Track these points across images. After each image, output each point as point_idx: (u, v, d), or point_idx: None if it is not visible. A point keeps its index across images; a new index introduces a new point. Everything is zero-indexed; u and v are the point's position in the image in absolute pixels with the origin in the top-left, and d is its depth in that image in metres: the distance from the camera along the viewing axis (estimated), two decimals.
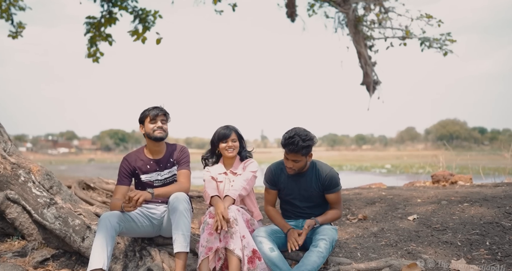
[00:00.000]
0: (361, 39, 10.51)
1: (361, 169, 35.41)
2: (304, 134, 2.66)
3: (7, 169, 3.10)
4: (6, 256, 2.85)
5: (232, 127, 3.04)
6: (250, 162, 3.05)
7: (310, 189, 2.82)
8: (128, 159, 2.90)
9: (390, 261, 2.50)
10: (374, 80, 10.79)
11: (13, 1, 9.89)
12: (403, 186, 5.37)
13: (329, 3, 10.08)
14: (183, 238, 2.54)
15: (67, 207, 3.06)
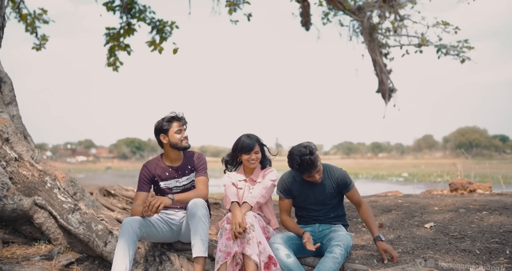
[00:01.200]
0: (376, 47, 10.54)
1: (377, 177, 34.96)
2: (303, 150, 2.73)
3: (35, 176, 3.25)
4: (34, 259, 2.98)
5: (255, 138, 3.03)
6: (269, 171, 3.07)
7: (325, 191, 2.89)
8: (148, 166, 3.00)
9: (407, 268, 2.51)
10: (390, 88, 10.77)
11: (38, 15, 10.30)
12: (420, 194, 5.33)
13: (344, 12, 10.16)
14: (201, 243, 2.61)
15: (90, 213, 3.17)
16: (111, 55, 9.69)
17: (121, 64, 9.91)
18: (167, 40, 9.48)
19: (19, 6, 10.08)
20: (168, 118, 2.93)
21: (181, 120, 2.94)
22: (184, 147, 2.92)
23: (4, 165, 3.20)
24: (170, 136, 2.90)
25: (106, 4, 8.98)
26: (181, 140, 2.90)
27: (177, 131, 2.90)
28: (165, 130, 2.91)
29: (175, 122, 2.91)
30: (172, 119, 2.92)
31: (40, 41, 10.66)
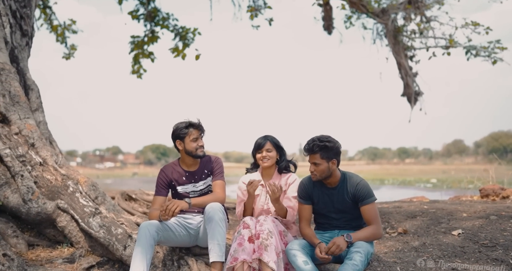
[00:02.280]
0: (401, 49, 10.31)
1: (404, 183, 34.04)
2: (323, 136, 2.72)
3: (58, 180, 3.32)
4: (56, 262, 3.03)
5: (270, 137, 3.01)
6: (293, 180, 3.00)
7: (343, 201, 2.79)
8: (165, 171, 3.01)
9: None
10: (416, 91, 10.49)
11: (67, 25, 10.69)
12: (448, 200, 5.13)
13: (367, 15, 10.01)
14: (218, 248, 2.58)
15: (110, 217, 3.21)
16: (136, 63, 9.91)
17: (145, 71, 10.11)
18: (189, 46, 9.63)
19: (50, 18, 10.51)
20: (185, 125, 2.91)
21: (199, 128, 2.92)
22: (198, 156, 2.91)
23: (30, 170, 3.29)
24: (186, 144, 2.90)
25: (131, 13, 9.22)
26: (196, 148, 2.89)
27: (193, 139, 2.89)
28: (182, 137, 2.91)
29: (192, 129, 2.90)
30: (189, 126, 2.90)
31: (69, 51, 11.07)
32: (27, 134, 3.48)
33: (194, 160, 2.98)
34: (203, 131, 2.95)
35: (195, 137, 2.89)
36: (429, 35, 9.51)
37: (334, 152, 2.73)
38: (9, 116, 3.50)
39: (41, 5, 10.35)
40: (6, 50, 4.01)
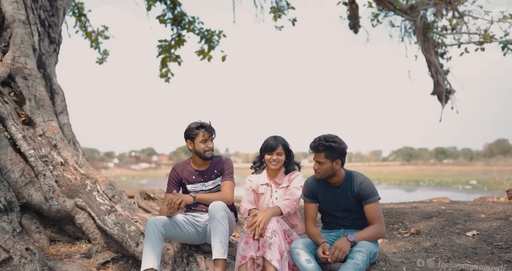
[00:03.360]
0: (431, 46, 10.01)
1: (440, 185, 32.77)
2: (330, 136, 2.72)
3: (77, 179, 3.50)
4: (75, 257, 3.20)
5: (281, 140, 3.01)
6: (296, 175, 3.01)
7: (347, 200, 2.78)
8: (176, 169, 3.10)
9: None
10: (447, 89, 10.15)
11: (100, 31, 11.18)
12: (473, 201, 4.95)
13: (395, 12, 9.79)
14: (220, 246, 2.64)
15: (125, 215, 3.35)
16: (163, 66, 10.20)
17: (172, 75, 10.39)
18: (215, 48, 9.81)
19: (85, 25, 11.03)
20: (197, 126, 2.97)
21: (209, 130, 2.98)
22: (206, 158, 2.98)
23: (51, 169, 3.50)
24: (196, 144, 2.97)
25: (158, 17, 9.52)
26: (205, 150, 2.96)
27: (203, 141, 2.95)
28: (192, 137, 2.98)
29: (202, 131, 2.96)
30: (200, 127, 2.97)
31: (102, 56, 11.58)
32: (50, 136, 3.69)
33: (204, 160, 3.06)
34: (213, 133, 3.00)
35: (204, 138, 2.95)
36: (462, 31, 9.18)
37: (339, 153, 2.73)
38: (34, 118, 3.73)
39: (77, 13, 10.90)
40: (34, 57, 4.27)
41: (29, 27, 4.34)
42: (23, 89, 3.82)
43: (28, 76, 3.94)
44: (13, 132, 3.48)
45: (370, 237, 2.62)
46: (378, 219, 2.68)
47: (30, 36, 4.31)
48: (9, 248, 2.95)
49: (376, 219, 2.68)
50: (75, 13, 10.82)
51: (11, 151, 3.47)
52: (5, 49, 4.19)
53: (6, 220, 3.11)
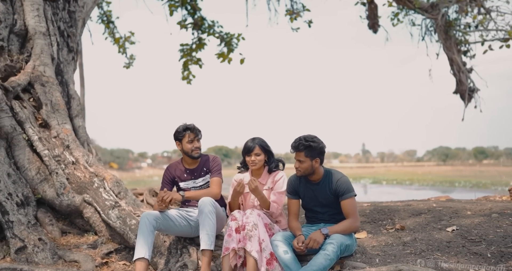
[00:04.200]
0: (453, 44, 9.86)
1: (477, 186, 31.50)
2: (309, 136, 2.90)
3: (86, 177, 3.84)
4: (82, 248, 3.53)
5: (258, 141, 3.15)
6: (279, 177, 3.16)
7: (326, 196, 2.94)
8: (169, 169, 3.37)
9: (400, 266, 2.48)
10: (470, 88, 9.95)
11: (127, 37, 11.75)
12: (475, 199, 4.92)
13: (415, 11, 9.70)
14: (207, 237, 2.87)
15: (128, 210, 3.65)
16: (185, 69, 10.60)
17: (194, 77, 10.76)
18: (234, 51, 10.10)
19: (113, 31, 11.63)
20: (183, 128, 3.24)
21: (194, 131, 3.22)
22: (193, 157, 3.22)
23: (63, 168, 3.85)
24: (183, 145, 3.24)
25: (179, 22, 9.92)
26: (192, 149, 3.21)
27: (189, 141, 3.21)
28: (180, 138, 3.24)
29: (188, 132, 3.21)
30: (186, 129, 3.23)
31: (129, 60, 12.17)
32: (63, 137, 4.06)
33: (192, 159, 3.30)
34: (198, 134, 3.25)
35: (190, 139, 3.21)
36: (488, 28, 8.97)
37: (317, 152, 2.90)
38: (49, 122, 4.11)
39: (105, 20, 11.52)
40: (52, 65, 4.66)
41: (48, 38, 4.74)
42: (40, 95, 4.22)
43: (45, 83, 4.33)
44: (30, 134, 3.87)
45: (343, 231, 2.78)
46: (352, 214, 2.83)
47: (49, 46, 4.71)
48: (24, 238, 3.32)
49: (350, 214, 2.83)
50: (104, 20, 11.44)
51: (29, 151, 3.86)
52: (27, 59, 4.61)
53: (22, 213, 3.49)
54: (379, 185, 33.51)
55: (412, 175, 48.22)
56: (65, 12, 5.25)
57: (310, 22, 10.16)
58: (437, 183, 33.83)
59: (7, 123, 3.81)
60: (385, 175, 47.91)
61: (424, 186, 31.01)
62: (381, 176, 45.52)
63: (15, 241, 3.29)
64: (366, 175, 49.51)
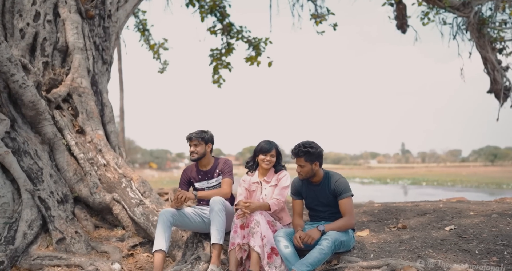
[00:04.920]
0: (487, 42, 9.66)
1: None
2: (307, 143, 3.14)
3: (116, 178, 4.29)
4: (111, 240, 3.97)
5: (274, 144, 3.49)
6: (283, 175, 3.46)
7: (326, 196, 3.17)
8: (186, 171, 3.72)
9: (388, 260, 2.69)
10: (506, 86, 9.69)
11: (161, 44, 12.43)
12: (492, 201, 4.92)
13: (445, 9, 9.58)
14: (217, 233, 3.19)
15: (151, 207, 4.05)
16: (215, 73, 11.07)
17: (224, 81, 11.22)
18: (261, 55, 10.45)
19: (148, 38, 12.34)
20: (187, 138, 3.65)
21: (190, 139, 3.59)
22: (192, 160, 3.60)
23: (96, 169, 4.33)
24: None
25: (209, 29, 10.39)
26: (190, 154, 3.58)
27: (189, 146, 3.61)
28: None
29: (188, 141, 3.62)
30: (187, 139, 3.63)
31: (163, 66, 12.86)
32: (96, 142, 4.54)
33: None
34: (193, 140, 3.58)
35: (189, 145, 3.58)
36: None
37: (316, 156, 3.14)
38: (85, 128, 4.61)
39: (141, 28, 12.25)
40: (88, 77, 5.19)
41: (85, 52, 5.27)
42: (77, 104, 4.73)
43: (82, 94, 4.85)
44: (68, 139, 4.38)
45: (338, 228, 3.00)
46: (348, 212, 3.06)
47: (86, 60, 5.24)
48: (63, 230, 3.80)
49: (346, 213, 3.06)
50: (140, 28, 12.18)
51: (67, 154, 4.36)
52: (67, 72, 5.16)
53: (62, 209, 3.97)
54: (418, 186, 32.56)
55: (456, 176, 46.32)
56: (100, 28, 5.78)
57: (335, 26, 10.29)
58: (482, 185, 32.31)
59: (49, 130, 4.33)
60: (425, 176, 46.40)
61: (467, 187, 29.79)
62: (421, 177, 44.15)
63: (56, 233, 3.76)
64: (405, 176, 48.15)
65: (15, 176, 3.79)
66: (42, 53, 4.90)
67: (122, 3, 6.20)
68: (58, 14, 5.19)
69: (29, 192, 3.78)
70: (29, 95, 4.09)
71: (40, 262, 3.48)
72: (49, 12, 5.05)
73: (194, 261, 3.38)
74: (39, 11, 4.95)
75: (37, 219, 3.76)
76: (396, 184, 36.18)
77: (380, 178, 45.12)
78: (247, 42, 10.57)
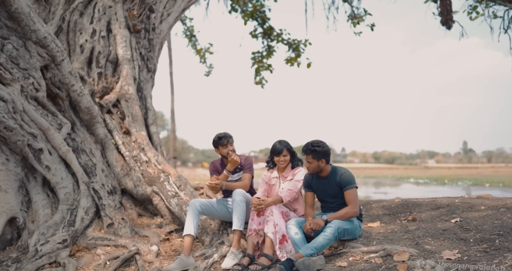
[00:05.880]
0: None
1: None
2: (315, 142, 3.46)
3: (155, 173, 4.88)
4: (151, 227, 4.55)
5: (284, 144, 3.81)
6: (298, 171, 3.81)
7: (333, 188, 3.49)
8: (214, 163, 4.19)
9: (385, 246, 2.97)
10: None
11: (207, 48, 13.21)
12: None
13: (495, 2, 9.32)
14: (237, 220, 3.63)
15: (185, 199, 4.58)
16: (257, 75, 11.58)
17: (266, 81, 11.70)
18: (301, 56, 10.79)
19: (195, 43, 13.17)
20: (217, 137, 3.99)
21: (226, 139, 3.95)
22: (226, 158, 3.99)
23: (139, 166, 4.95)
24: (220, 150, 4.00)
25: (251, 33, 10.93)
26: (227, 153, 3.95)
27: (223, 147, 3.96)
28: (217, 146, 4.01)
29: (222, 140, 3.96)
30: (219, 138, 3.97)
31: (209, 69, 13.65)
32: (140, 142, 5.18)
33: None
34: (229, 140, 3.97)
35: (224, 145, 3.98)
36: None
37: (322, 154, 3.47)
38: (130, 129, 5.27)
39: (188, 34, 13.11)
40: (134, 84, 5.87)
41: (132, 62, 5.97)
42: (124, 109, 5.41)
43: (128, 99, 5.52)
44: (117, 140, 5.05)
45: (341, 217, 3.31)
46: (352, 202, 3.36)
47: (132, 69, 5.93)
48: (112, 217, 4.43)
49: (350, 202, 3.37)
50: (187, 35, 13.03)
51: (116, 153, 5.03)
52: (117, 81, 5.87)
53: (111, 199, 4.63)
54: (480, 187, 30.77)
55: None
56: (146, 40, 6.47)
57: (372, 26, 10.35)
58: None
59: (101, 131, 5.03)
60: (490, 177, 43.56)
61: None
62: (485, 178, 41.52)
63: (107, 219, 4.41)
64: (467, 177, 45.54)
65: (75, 170, 4.50)
66: (97, 65, 5.65)
67: (165, 16, 6.85)
68: (111, 30, 5.92)
69: (85, 184, 4.47)
70: (85, 102, 4.80)
71: (94, 242, 4.13)
72: (103, 29, 5.80)
73: (218, 245, 3.85)
74: (95, 29, 5.70)
75: (92, 206, 4.43)
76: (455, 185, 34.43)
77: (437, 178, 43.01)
78: (287, 44, 10.95)
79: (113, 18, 5.93)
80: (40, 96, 4.44)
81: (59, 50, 4.49)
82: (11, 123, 3.99)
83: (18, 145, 4.15)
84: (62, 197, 4.37)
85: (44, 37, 4.31)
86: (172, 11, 6.95)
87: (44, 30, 4.33)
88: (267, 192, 3.91)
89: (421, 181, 39.56)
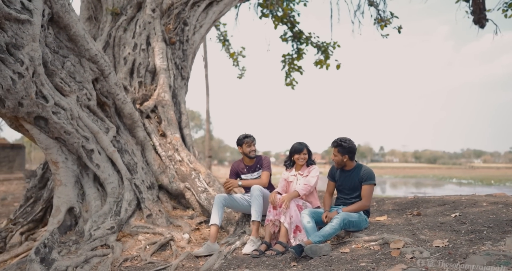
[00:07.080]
0: None
1: None
2: (344, 138, 3.96)
3: (187, 171, 5.49)
4: (184, 218, 5.16)
5: (304, 144, 4.31)
6: (313, 168, 4.28)
7: (353, 181, 3.94)
8: (234, 165, 4.73)
9: (383, 235, 3.36)
10: None
11: (239, 52, 13.85)
12: None
13: None
14: (255, 212, 4.15)
15: (213, 194, 5.15)
16: (287, 76, 12.06)
17: (297, 83, 12.16)
18: (330, 58, 11.16)
19: (228, 47, 13.87)
20: (242, 137, 4.55)
21: (250, 138, 4.51)
22: (250, 157, 4.54)
23: (173, 164, 5.58)
24: (244, 148, 4.55)
25: (281, 37, 11.42)
26: (249, 152, 4.52)
27: (247, 146, 4.51)
28: (241, 144, 4.57)
29: (246, 139, 4.52)
30: (245, 137, 4.54)
31: (241, 72, 14.30)
32: (174, 143, 5.81)
33: (250, 159, 4.60)
34: (253, 140, 4.51)
35: (248, 144, 4.50)
36: None
37: (347, 150, 3.94)
38: (166, 132, 5.92)
39: (222, 39, 13.82)
40: (170, 91, 6.52)
41: (168, 71, 6.64)
42: (161, 114, 6.08)
43: (164, 105, 6.19)
44: (154, 141, 5.72)
45: (354, 210, 3.79)
46: (365, 197, 3.83)
47: (168, 78, 6.60)
48: (151, 209, 5.08)
49: (364, 197, 3.84)
50: (221, 39, 13.74)
51: (153, 153, 5.70)
52: (155, 88, 6.56)
53: (150, 193, 5.28)
54: None
55: None
56: (180, 51, 7.13)
57: (399, 28, 10.52)
58: None
59: (141, 134, 5.71)
60: None
61: None
62: None
63: (146, 210, 5.06)
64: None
65: (119, 168, 5.19)
66: (137, 75, 6.36)
67: (198, 28, 7.49)
68: (149, 43, 6.63)
69: (128, 180, 5.14)
70: (128, 108, 5.49)
71: (136, 230, 4.79)
72: (143, 42, 6.51)
73: (240, 234, 4.38)
74: (136, 43, 6.43)
75: (134, 199, 5.10)
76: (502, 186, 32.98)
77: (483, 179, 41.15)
78: (316, 46, 11.33)
79: (151, 32, 6.63)
80: (92, 104, 5.16)
81: (107, 64, 5.20)
82: (69, 128, 4.71)
83: (74, 146, 4.87)
84: (110, 191, 5.06)
85: (95, 54, 5.03)
86: (204, 23, 7.58)
87: (95, 49, 5.05)
88: (285, 187, 4.39)
89: (465, 181, 38.05)
